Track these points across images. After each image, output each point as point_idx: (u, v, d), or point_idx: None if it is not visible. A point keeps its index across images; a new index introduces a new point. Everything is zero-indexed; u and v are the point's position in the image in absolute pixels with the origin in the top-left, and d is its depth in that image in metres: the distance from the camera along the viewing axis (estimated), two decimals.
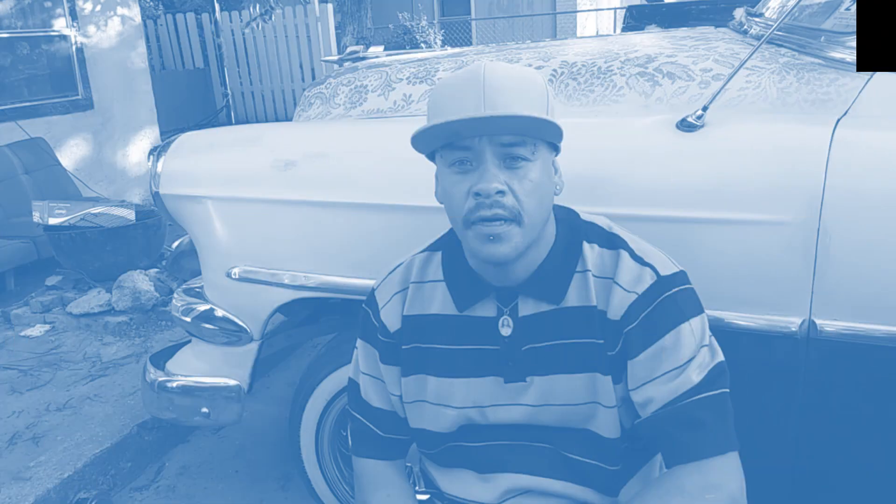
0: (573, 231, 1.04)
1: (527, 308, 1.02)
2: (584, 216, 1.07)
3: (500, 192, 0.92)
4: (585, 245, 1.02)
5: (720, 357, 0.98)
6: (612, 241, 1.02)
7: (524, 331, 1.02)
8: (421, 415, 1.10)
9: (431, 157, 1.02)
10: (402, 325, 1.10)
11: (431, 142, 0.97)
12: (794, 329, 1.26)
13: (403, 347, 1.10)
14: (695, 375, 0.94)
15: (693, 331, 0.96)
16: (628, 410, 1.02)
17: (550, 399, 1.03)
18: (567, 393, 1.02)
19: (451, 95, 0.94)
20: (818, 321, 1.24)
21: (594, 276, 1.00)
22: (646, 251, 1.01)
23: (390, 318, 1.11)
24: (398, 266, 1.14)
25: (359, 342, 1.17)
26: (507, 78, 0.93)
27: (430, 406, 1.09)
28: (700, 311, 0.99)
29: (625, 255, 1.00)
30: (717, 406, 0.94)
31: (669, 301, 0.97)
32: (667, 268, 0.99)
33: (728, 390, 0.96)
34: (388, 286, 1.13)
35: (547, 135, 0.94)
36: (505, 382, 1.04)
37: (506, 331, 1.03)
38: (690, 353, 0.95)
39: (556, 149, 1.00)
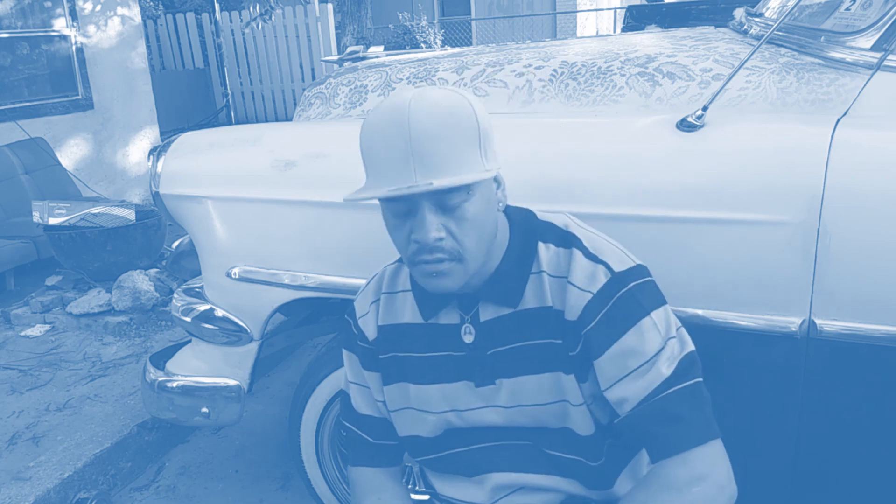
0: (528, 232, 1.04)
1: (487, 313, 1.03)
2: (540, 216, 1.06)
3: (439, 239, 0.91)
4: (540, 245, 1.02)
5: (690, 347, 0.97)
6: (566, 240, 1.02)
7: (486, 336, 1.03)
8: (405, 421, 1.12)
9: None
10: (378, 334, 1.12)
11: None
12: (794, 329, 1.26)
13: (381, 357, 1.12)
14: (665, 369, 0.94)
15: (656, 324, 0.96)
16: (601, 407, 1.02)
17: (521, 400, 1.03)
18: (534, 393, 1.02)
19: (381, 148, 0.91)
20: (818, 321, 1.24)
21: (549, 275, 1.00)
22: (600, 248, 1.00)
23: (368, 327, 1.13)
24: (373, 277, 1.17)
25: (344, 352, 1.20)
26: (432, 122, 0.89)
27: (413, 412, 1.10)
28: (662, 302, 0.98)
29: (578, 253, 0.99)
30: (692, 397, 0.94)
31: (626, 297, 0.96)
32: (621, 263, 0.98)
33: (701, 379, 0.96)
34: (365, 297, 1.15)
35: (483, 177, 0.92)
36: (476, 386, 1.05)
37: (468, 338, 1.04)
38: (657, 347, 0.95)
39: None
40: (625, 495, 0.98)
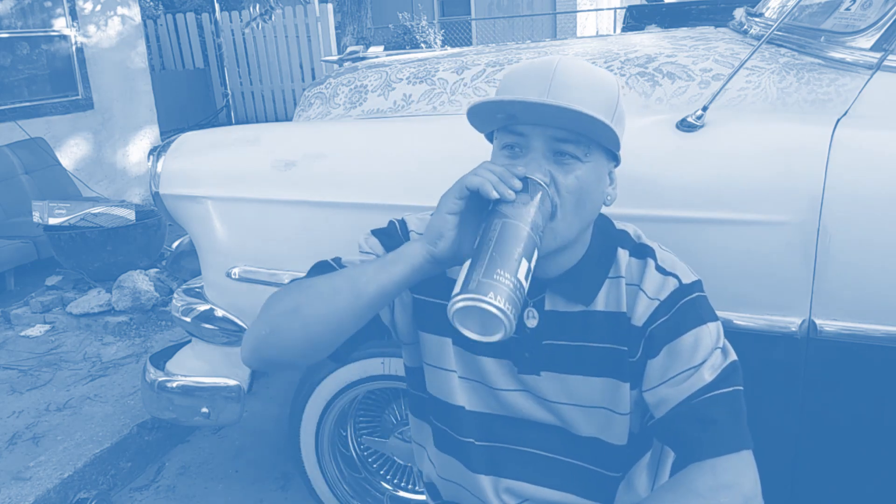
0: (608, 237, 1.04)
1: (553, 304, 1.02)
2: (616, 224, 1.07)
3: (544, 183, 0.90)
4: (620, 251, 1.02)
5: (733, 357, 0.98)
6: (641, 251, 1.03)
7: (549, 325, 1.02)
8: (437, 382, 1.10)
9: (490, 137, 1.02)
10: None
11: (488, 121, 0.96)
12: (794, 329, 1.26)
13: (415, 296, 1.08)
14: (707, 374, 0.95)
15: (710, 334, 0.97)
16: (640, 416, 1.02)
17: (561, 398, 1.03)
18: (580, 394, 1.02)
19: (518, 78, 0.93)
20: (818, 321, 1.24)
21: (626, 282, 1.01)
22: (670, 262, 1.02)
23: None
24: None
25: (368, 236, 1.10)
26: (577, 74, 0.92)
27: (444, 373, 1.08)
28: (716, 318, 1.00)
29: (651, 264, 1.01)
30: (730, 403, 0.94)
31: (689, 305, 0.98)
32: (688, 276, 1.00)
33: (741, 388, 0.96)
34: (424, 224, 1.09)
35: (602, 139, 0.93)
36: (518, 372, 1.04)
37: (531, 322, 1.03)
38: (704, 356, 0.96)
39: (615, 158, 0.99)
40: (648, 496, 0.98)
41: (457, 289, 0.81)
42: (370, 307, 0.92)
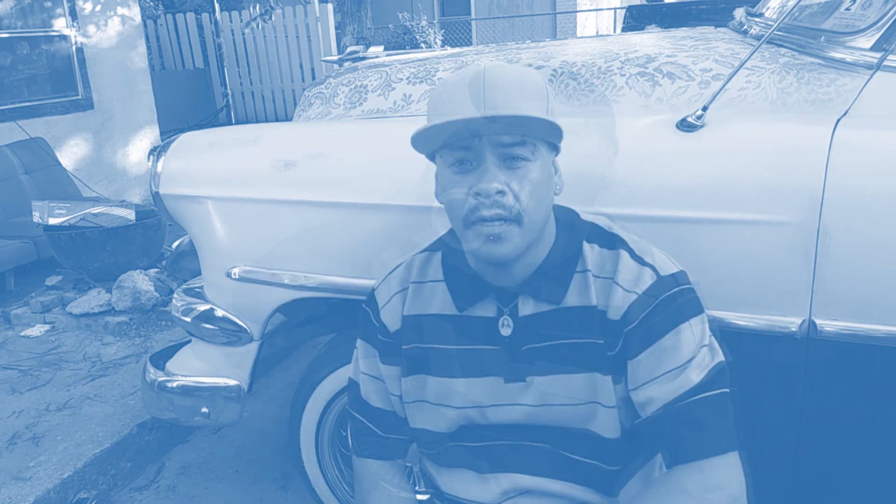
0: (573, 231, 1.04)
1: (527, 308, 1.02)
2: (584, 216, 1.07)
3: (500, 193, 0.92)
4: (585, 245, 1.02)
5: (720, 357, 0.98)
6: (611, 241, 1.02)
7: (524, 331, 1.02)
8: (421, 415, 1.10)
9: (432, 157, 1.02)
10: (402, 325, 1.10)
11: (431, 142, 0.97)
12: (794, 329, 1.26)
13: (404, 347, 1.10)
14: (695, 375, 0.94)
15: (693, 331, 0.96)
16: (629, 410, 1.02)
17: (550, 399, 1.03)
18: (566, 393, 1.02)
19: (450, 95, 0.94)
20: (818, 321, 1.24)
21: (594, 276, 1.00)
22: (645, 251, 1.01)
23: (390, 318, 1.11)
24: (398, 266, 1.14)
25: (359, 342, 1.17)
26: (506, 79, 0.93)
27: (429, 406, 1.09)
28: (700, 310, 0.99)
29: (624, 254, 1.00)
30: (718, 406, 0.94)
31: (669, 301, 0.97)
32: (667, 268, 0.99)
33: (728, 390, 0.96)
34: (388, 286, 1.13)
35: (546, 135, 0.94)
36: (505, 382, 1.04)
37: (506, 331, 1.03)
38: (690, 354, 0.95)
39: (556, 149, 1.00)
40: (635, 495, 0.98)
41: None
42: None
